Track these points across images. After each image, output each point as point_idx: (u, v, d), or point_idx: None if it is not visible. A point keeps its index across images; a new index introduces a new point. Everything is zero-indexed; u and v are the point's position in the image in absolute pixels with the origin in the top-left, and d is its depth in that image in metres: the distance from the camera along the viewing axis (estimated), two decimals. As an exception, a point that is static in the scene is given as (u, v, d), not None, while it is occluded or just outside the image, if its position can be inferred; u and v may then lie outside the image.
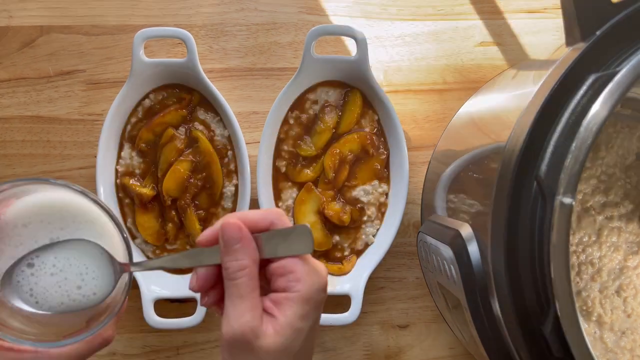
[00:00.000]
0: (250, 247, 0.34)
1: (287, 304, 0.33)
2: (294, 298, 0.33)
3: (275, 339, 0.32)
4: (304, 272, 0.33)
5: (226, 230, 0.34)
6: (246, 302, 0.33)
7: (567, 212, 0.34)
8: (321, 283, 0.34)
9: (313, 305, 0.33)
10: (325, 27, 0.59)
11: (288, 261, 0.34)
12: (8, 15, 0.64)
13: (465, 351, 0.64)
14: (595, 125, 0.34)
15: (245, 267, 0.33)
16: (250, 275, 0.33)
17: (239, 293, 0.33)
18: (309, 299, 0.33)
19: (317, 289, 0.34)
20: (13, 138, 0.64)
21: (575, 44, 0.39)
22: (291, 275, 0.33)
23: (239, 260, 0.33)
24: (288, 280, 0.33)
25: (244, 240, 0.33)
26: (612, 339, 0.50)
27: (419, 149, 0.65)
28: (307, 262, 0.34)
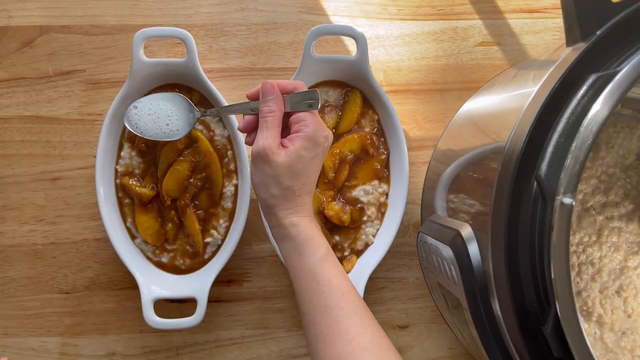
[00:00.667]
0: (278, 100, 0.50)
1: (296, 138, 0.49)
2: (302, 135, 0.49)
3: (284, 158, 0.48)
4: (311, 121, 0.49)
5: (264, 86, 0.50)
6: (269, 131, 0.49)
7: (567, 212, 0.34)
8: (323, 130, 0.49)
9: (314, 142, 0.49)
10: (325, 27, 0.59)
11: (302, 114, 0.50)
12: (7, 15, 0.64)
13: (465, 351, 0.64)
14: (596, 125, 0.34)
15: (273, 111, 0.49)
16: (275, 116, 0.49)
17: (266, 125, 0.49)
18: (311, 137, 0.49)
19: (319, 133, 0.49)
20: (13, 138, 0.64)
21: (575, 44, 0.39)
22: (302, 122, 0.49)
23: (270, 107, 0.49)
24: (300, 126, 0.49)
25: (275, 94, 0.50)
26: (612, 339, 0.50)
27: (419, 149, 0.65)
28: (315, 116, 0.50)
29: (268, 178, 0.48)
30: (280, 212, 0.49)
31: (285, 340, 0.63)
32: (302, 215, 0.50)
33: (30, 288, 0.63)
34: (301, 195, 0.49)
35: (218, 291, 0.63)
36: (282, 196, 0.49)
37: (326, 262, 0.48)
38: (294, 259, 0.49)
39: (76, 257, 0.63)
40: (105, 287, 0.63)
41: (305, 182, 0.49)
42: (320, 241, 0.49)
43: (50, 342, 0.62)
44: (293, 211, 0.49)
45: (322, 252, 0.48)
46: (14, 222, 0.63)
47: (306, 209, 0.50)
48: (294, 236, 0.49)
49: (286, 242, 0.49)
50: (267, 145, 0.48)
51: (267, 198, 0.49)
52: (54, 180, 0.63)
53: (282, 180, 0.48)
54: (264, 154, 0.48)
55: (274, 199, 0.49)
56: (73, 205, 0.64)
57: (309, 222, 0.50)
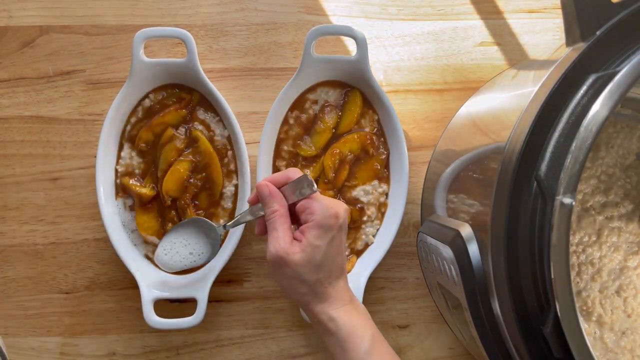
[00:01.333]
0: (277, 197, 0.49)
1: (307, 230, 0.47)
2: (311, 225, 0.47)
3: (301, 255, 0.46)
4: (316, 207, 0.47)
5: (259, 190, 0.49)
6: (278, 232, 0.47)
7: (567, 212, 0.34)
8: (330, 213, 0.47)
9: (325, 228, 0.47)
10: (325, 27, 0.59)
11: (305, 201, 0.48)
12: (8, 15, 0.64)
13: (465, 351, 0.64)
14: (595, 126, 0.34)
15: (276, 210, 0.48)
16: (279, 214, 0.48)
17: (274, 227, 0.48)
18: (321, 224, 0.47)
19: (328, 216, 0.47)
20: (13, 138, 0.64)
21: (575, 44, 0.39)
22: (308, 210, 0.48)
23: (271, 207, 0.49)
24: (306, 214, 0.47)
25: (272, 194, 0.49)
26: (612, 339, 0.50)
27: (419, 149, 0.65)
28: (319, 200, 0.48)
29: (291, 280, 0.47)
30: (316, 308, 0.48)
31: (285, 340, 0.63)
32: (339, 306, 0.48)
33: (30, 288, 0.63)
34: (331, 284, 0.48)
35: (218, 291, 0.63)
36: (312, 292, 0.47)
37: (372, 356, 0.46)
38: (339, 353, 0.47)
39: (76, 257, 0.63)
40: (105, 287, 0.63)
41: (331, 270, 0.48)
42: (364, 332, 0.47)
43: (50, 342, 0.62)
44: (328, 304, 0.47)
45: (366, 344, 0.46)
46: (14, 222, 0.63)
47: (342, 296, 0.48)
48: (334, 331, 0.47)
49: (328, 337, 0.48)
50: (279, 248, 0.46)
51: (299, 298, 0.48)
52: (54, 180, 0.63)
53: (306, 277, 0.46)
54: (279, 258, 0.46)
55: (305, 296, 0.48)
56: (73, 205, 0.64)
57: (350, 311, 0.48)
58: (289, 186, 0.49)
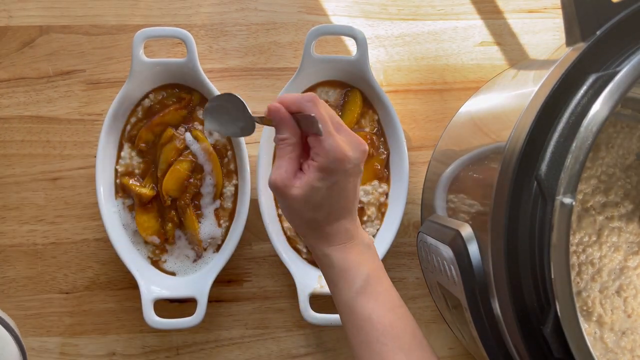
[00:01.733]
0: (288, 124, 0.45)
1: (310, 168, 0.44)
2: (314, 165, 0.44)
3: (298, 191, 0.44)
4: (320, 148, 0.44)
5: (269, 112, 0.46)
6: (283, 162, 0.45)
7: (567, 212, 0.34)
8: (336, 157, 0.44)
9: (328, 171, 0.44)
10: (325, 27, 0.59)
11: (313, 140, 0.45)
12: (8, 15, 0.64)
13: (465, 351, 0.64)
14: (595, 126, 0.34)
15: (285, 139, 0.45)
16: (287, 143, 0.45)
17: (280, 154, 0.45)
18: (324, 167, 0.44)
19: (332, 160, 0.44)
20: (13, 138, 0.64)
21: (575, 44, 0.39)
22: (313, 149, 0.45)
23: (281, 134, 0.45)
24: (314, 153, 0.45)
25: (283, 120, 0.45)
26: (612, 339, 0.50)
27: (419, 149, 0.65)
28: (329, 139, 0.44)
29: (289, 209, 0.46)
30: (312, 241, 0.47)
31: (285, 340, 0.63)
32: (335, 244, 0.46)
33: (30, 288, 0.63)
34: (330, 223, 0.46)
35: (218, 291, 0.63)
36: (308, 227, 0.46)
37: (363, 295, 0.45)
38: (332, 289, 0.47)
39: (76, 257, 0.63)
40: (105, 287, 0.63)
41: (331, 211, 0.46)
42: (357, 271, 0.45)
43: (50, 342, 0.62)
44: (323, 241, 0.46)
45: (358, 283, 0.45)
46: (14, 222, 0.63)
47: (340, 236, 0.46)
48: (327, 268, 0.46)
49: (324, 272, 0.47)
50: (279, 178, 0.44)
51: (296, 227, 0.48)
52: (54, 180, 0.63)
53: (302, 213, 0.45)
54: (277, 187, 0.45)
55: (300, 228, 0.47)
56: (73, 205, 0.64)
57: (345, 250, 0.46)
58: (302, 116, 0.45)
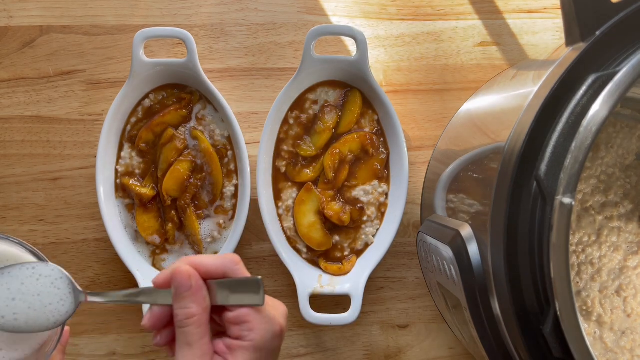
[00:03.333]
0: (200, 296, 0.34)
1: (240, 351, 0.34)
2: (247, 347, 0.34)
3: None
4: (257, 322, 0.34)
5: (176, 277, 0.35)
6: (194, 351, 0.34)
7: (567, 212, 0.34)
8: (275, 331, 0.35)
9: (265, 353, 0.35)
10: (325, 27, 0.59)
11: (242, 311, 0.35)
12: (8, 15, 0.64)
13: (465, 351, 0.64)
14: (595, 125, 0.34)
15: (194, 316, 0.34)
16: (198, 323, 0.34)
17: (187, 341, 0.34)
18: (261, 347, 0.34)
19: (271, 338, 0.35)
20: (13, 138, 0.64)
21: (575, 44, 0.39)
22: (244, 325, 0.35)
23: (188, 309, 0.34)
24: (241, 330, 0.35)
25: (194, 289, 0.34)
26: (612, 338, 0.50)
27: (419, 149, 0.65)
28: (261, 311, 0.35)
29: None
30: None
31: (286, 340, 0.63)
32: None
33: (30, 288, 0.63)
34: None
35: (218, 291, 0.63)
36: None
37: None
38: None
39: (76, 257, 0.63)
40: (106, 287, 0.63)
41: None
42: None
43: (51, 342, 0.63)
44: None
45: None
46: (14, 222, 0.63)
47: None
48: None
49: None
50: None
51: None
52: (54, 180, 0.64)
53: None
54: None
55: None
56: (73, 205, 0.64)
57: None
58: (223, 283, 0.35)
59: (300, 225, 0.61)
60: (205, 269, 0.36)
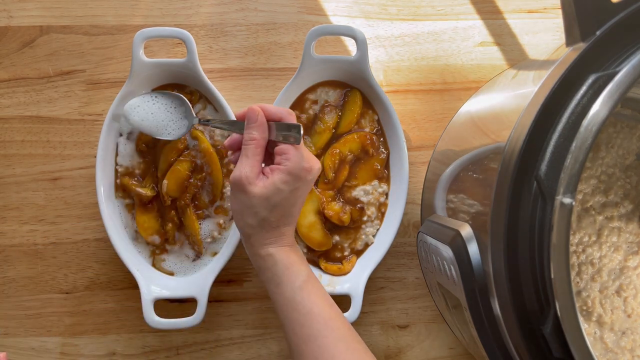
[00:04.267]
0: (262, 127, 0.49)
1: (276, 171, 0.48)
2: (282, 169, 0.48)
3: (261, 189, 0.47)
4: (292, 154, 0.48)
5: (249, 112, 0.49)
6: (249, 160, 0.48)
7: (567, 212, 0.34)
8: (304, 166, 0.48)
9: (294, 176, 0.48)
10: (325, 27, 0.59)
11: (285, 146, 0.48)
12: (8, 15, 0.64)
13: (465, 351, 0.64)
14: (595, 126, 0.34)
15: (255, 139, 0.48)
16: (256, 144, 0.48)
17: (246, 153, 0.48)
18: (291, 172, 0.47)
19: (300, 168, 0.48)
20: (13, 138, 0.64)
21: (575, 44, 0.39)
22: (284, 155, 0.48)
23: (252, 134, 0.48)
24: (282, 158, 0.48)
25: (259, 122, 0.49)
26: (612, 339, 0.50)
27: (419, 149, 0.65)
28: (299, 149, 0.48)
29: (244, 207, 0.48)
30: (257, 242, 0.49)
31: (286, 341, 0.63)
32: (280, 245, 0.49)
33: (30, 288, 0.63)
34: (279, 226, 0.49)
35: (218, 291, 0.63)
36: (259, 226, 0.48)
37: (305, 290, 0.47)
38: (273, 289, 0.48)
39: (76, 257, 0.63)
40: (105, 287, 0.63)
41: (284, 214, 0.48)
42: (299, 268, 0.48)
43: (50, 342, 0.63)
44: (270, 242, 0.49)
45: (301, 279, 0.48)
46: (14, 222, 0.63)
47: (285, 239, 0.49)
48: (271, 266, 0.48)
49: (264, 272, 0.49)
50: (244, 174, 0.47)
51: (244, 226, 0.49)
52: (54, 180, 0.64)
53: (258, 210, 0.47)
54: (240, 183, 0.47)
55: (250, 228, 0.48)
56: (73, 205, 0.64)
57: (288, 251, 0.49)
58: (277, 124, 0.49)
59: (300, 225, 0.61)
60: (269, 112, 0.49)
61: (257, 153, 0.48)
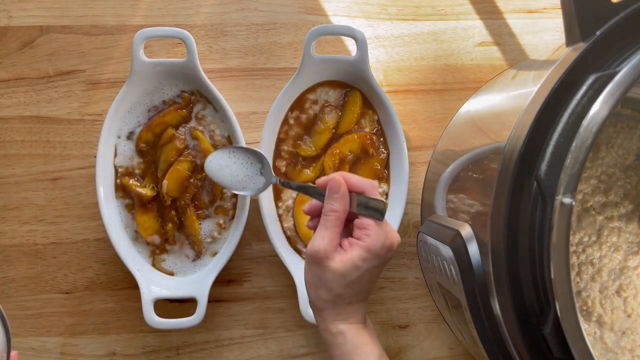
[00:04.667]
0: (344, 200, 0.47)
1: (356, 247, 0.46)
2: (362, 245, 0.46)
3: (338, 264, 0.45)
4: (374, 230, 0.46)
5: (332, 182, 0.47)
6: (328, 232, 0.46)
7: (567, 212, 0.34)
8: (385, 243, 0.46)
9: (373, 254, 0.46)
10: (325, 27, 0.59)
11: (367, 221, 0.46)
12: (8, 15, 0.64)
13: (465, 351, 0.64)
14: (595, 126, 0.34)
15: (336, 211, 0.46)
16: (337, 217, 0.46)
17: (326, 225, 0.46)
18: (371, 249, 0.45)
19: (381, 246, 0.46)
20: (13, 138, 0.64)
21: (575, 44, 0.39)
22: (365, 230, 0.46)
23: (333, 205, 0.47)
24: (362, 233, 0.46)
25: (341, 194, 0.47)
26: (612, 339, 0.50)
27: (419, 149, 0.65)
28: (380, 225, 0.46)
29: (319, 281, 0.46)
30: (328, 317, 0.47)
31: (286, 340, 0.63)
32: (352, 322, 0.48)
33: (30, 288, 0.63)
34: (352, 303, 0.47)
35: (218, 291, 0.63)
36: (332, 302, 0.47)
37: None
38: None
39: (76, 257, 0.63)
40: (105, 287, 0.63)
41: (359, 291, 0.47)
42: (371, 349, 0.47)
43: (50, 342, 0.63)
44: (342, 318, 0.47)
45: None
46: (14, 222, 0.63)
47: (358, 315, 0.48)
48: (341, 344, 0.47)
49: (333, 349, 0.48)
50: (322, 247, 0.45)
51: (316, 300, 0.48)
52: (54, 180, 0.64)
53: (333, 286, 0.46)
54: (317, 256, 0.46)
55: (323, 302, 0.47)
56: (73, 205, 0.64)
57: (359, 329, 0.48)
58: (360, 198, 0.47)
59: (300, 225, 0.61)
60: (352, 183, 0.47)
61: (337, 225, 0.46)
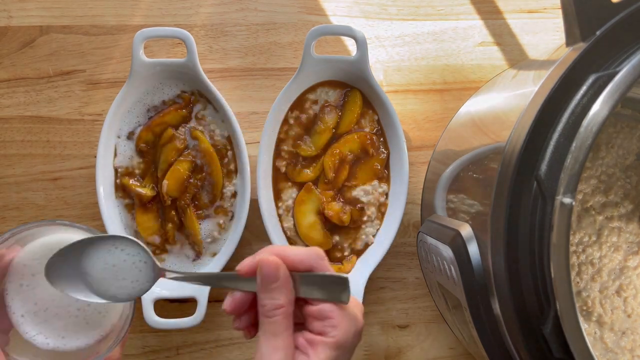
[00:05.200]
0: (287, 288, 0.35)
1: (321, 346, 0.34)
2: (329, 343, 0.34)
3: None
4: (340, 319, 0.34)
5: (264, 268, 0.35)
6: (279, 341, 0.34)
7: (567, 212, 0.34)
8: (357, 329, 0.35)
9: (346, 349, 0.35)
10: (325, 27, 0.59)
11: (325, 306, 0.35)
12: (8, 15, 0.64)
13: (465, 351, 0.64)
14: (595, 126, 0.34)
15: (281, 307, 0.34)
16: (285, 314, 0.34)
17: (273, 331, 0.34)
18: (343, 345, 0.34)
19: (353, 335, 0.35)
20: (13, 138, 0.64)
21: (575, 44, 0.39)
22: (328, 320, 0.34)
23: (275, 300, 0.34)
24: (324, 325, 0.34)
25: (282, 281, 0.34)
26: (612, 339, 0.50)
27: (419, 149, 0.65)
28: (344, 308, 0.35)
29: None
30: None
31: (285, 340, 0.63)
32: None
33: (30, 288, 0.63)
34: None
35: (218, 291, 0.63)
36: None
37: None
38: None
39: (76, 257, 0.63)
40: (106, 287, 0.63)
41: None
42: None
43: (51, 342, 0.62)
44: None
45: None
46: (14, 222, 0.63)
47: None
48: None
49: None
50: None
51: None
52: (54, 180, 0.63)
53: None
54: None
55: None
56: (73, 205, 0.64)
57: None
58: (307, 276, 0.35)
59: (300, 226, 0.61)
60: (291, 260, 0.36)
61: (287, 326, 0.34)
